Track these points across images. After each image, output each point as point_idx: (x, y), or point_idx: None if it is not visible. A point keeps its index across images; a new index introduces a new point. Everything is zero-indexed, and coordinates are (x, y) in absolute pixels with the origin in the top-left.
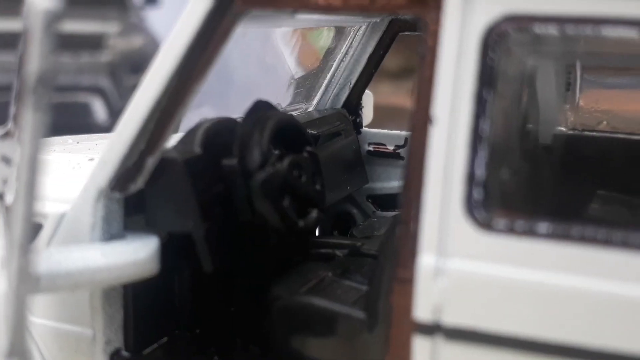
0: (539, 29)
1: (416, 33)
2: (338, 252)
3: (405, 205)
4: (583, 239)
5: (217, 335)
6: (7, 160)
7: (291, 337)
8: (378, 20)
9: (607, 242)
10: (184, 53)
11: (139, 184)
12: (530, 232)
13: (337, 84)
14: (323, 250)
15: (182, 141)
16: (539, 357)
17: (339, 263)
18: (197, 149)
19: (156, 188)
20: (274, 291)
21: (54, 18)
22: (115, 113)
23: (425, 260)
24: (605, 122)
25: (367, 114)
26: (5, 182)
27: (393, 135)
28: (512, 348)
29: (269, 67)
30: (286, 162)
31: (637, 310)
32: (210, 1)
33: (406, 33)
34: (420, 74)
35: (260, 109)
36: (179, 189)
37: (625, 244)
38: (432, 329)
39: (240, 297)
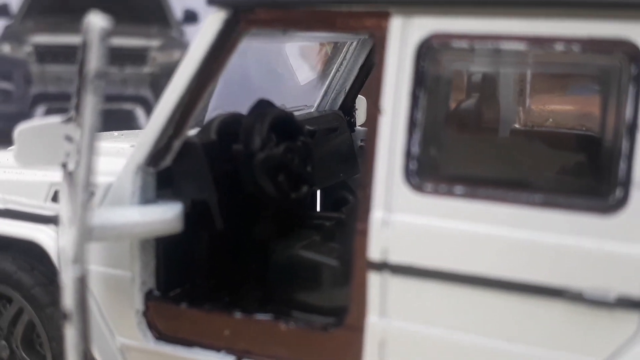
0: (456, 43)
1: None
2: (327, 223)
3: (364, 175)
4: (487, 197)
5: (227, 283)
6: (69, 139)
7: (284, 282)
8: (367, 37)
9: (503, 199)
10: (200, 61)
11: (167, 161)
12: (450, 193)
13: (334, 90)
14: (315, 221)
15: (201, 130)
16: (456, 284)
17: (327, 230)
18: (213, 136)
19: (181, 165)
20: (272, 247)
21: (106, 32)
22: None
23: (376, 214)
24: (551, 120)
25: (361, 115)
26: (68, 155)
27: None
28: (439, 279)
29: (280, 76)
30: (282, 147)
31: (523, 248)
32: (220, 22)
33: None
34: (374, 76)
35: (262, 105)
36: (197, 166)
37: (516, 201)
38: (381, 266)
39: (246, 253)
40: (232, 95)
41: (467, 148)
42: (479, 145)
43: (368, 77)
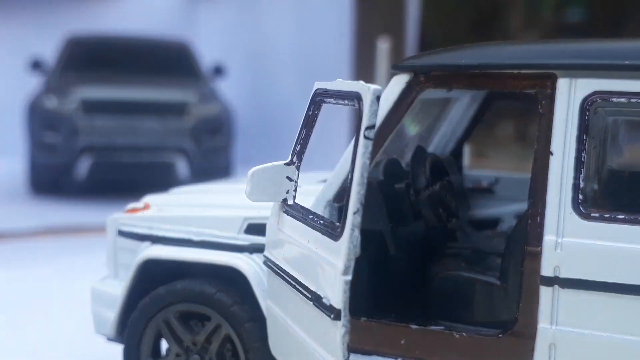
0: (614, 98)
1: (507, 101)
2: (462, 251)
3: (533, 206)
4: None
5: (391, 303)
6: (289, 179)
7: (448, 299)
8: (484, 92)
9: None
10: (385, 115)
11: None
12: (613, 219)
13: (446, 138)
14: (453, 250)
15: (370, 172)
16: (619, 294)
17: (466, 257)
18: (381, 177)
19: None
20: (433, 269)
21: (377, 94)
22: (196, 170)
23: (549, 238)
24: None
25: (466, 160)
26: (287, 191)
27: (485, 175)
28: (604, 290)
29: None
30: (438, 185)
31: None
32: (403, 83)
33: (499, 101)
34: (541, 125)
35: (420, 151)
36: (375, 202)
37: None
38: (552, 281)
39: (405, 274)
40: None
41: (625, 182)
42: (634, 179)
43: (475, 127)
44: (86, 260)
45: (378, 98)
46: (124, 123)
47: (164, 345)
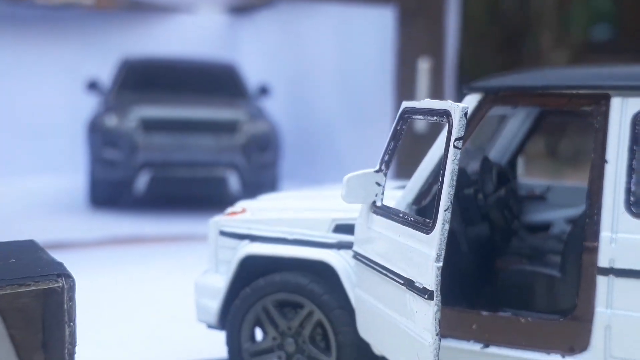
0: None
1: (559, 117)
2: (522, 249)
3: (590, 207)
4: None
5: (462, 293)
6: (378, 184)
7: (513, 290)
8: (541, 110)
9: None
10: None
11: (427, 201)
12: None
13: (503, 150)
14: (513, 248)
15: None
16: None
17: (526, 254)
18: None
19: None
20: (499, 264)
21: (465, 111)
22: (246, 185)
23: (605, 234)
24: None
25: (520, 170)
26: (376, 195)
27: (538, 184)
28: None
29: None
30: (502, 190)
31: None
32: (475, 102)
33: (551, 117)
34: (597, 138)
35: (486, 161)
36: None
37: None
38: (608, 271)
39: (474, 268)
40: None
41: None
42: None
43: (528, 140)
44: (147, 266)
45: (465, 114)
46: (180, 140)
47: (258, 334)
